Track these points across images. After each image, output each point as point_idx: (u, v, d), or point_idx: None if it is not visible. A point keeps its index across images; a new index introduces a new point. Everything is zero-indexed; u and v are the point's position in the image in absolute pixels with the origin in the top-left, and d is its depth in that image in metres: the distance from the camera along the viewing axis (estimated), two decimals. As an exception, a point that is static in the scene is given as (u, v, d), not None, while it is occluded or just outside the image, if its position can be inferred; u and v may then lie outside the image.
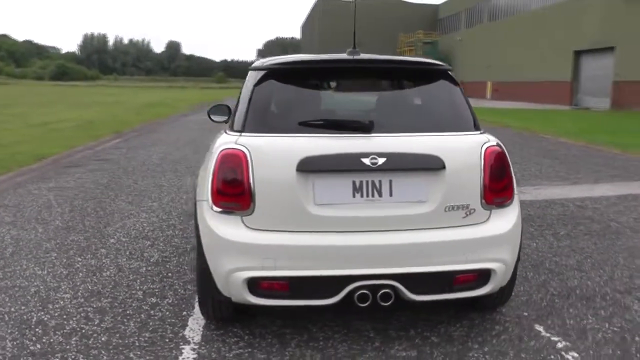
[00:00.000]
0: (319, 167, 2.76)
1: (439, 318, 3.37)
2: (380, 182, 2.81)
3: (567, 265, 4.39)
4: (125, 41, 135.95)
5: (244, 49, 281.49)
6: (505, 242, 2.99)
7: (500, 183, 3.00)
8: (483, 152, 2.96)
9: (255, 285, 2.78)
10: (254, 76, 3.19)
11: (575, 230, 5.43)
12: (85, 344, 3.03)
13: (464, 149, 2.97)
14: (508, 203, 3.05)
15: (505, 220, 3.01)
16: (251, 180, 2.76)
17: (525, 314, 3.46)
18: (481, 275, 2.93)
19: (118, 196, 6.73)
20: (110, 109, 22.99)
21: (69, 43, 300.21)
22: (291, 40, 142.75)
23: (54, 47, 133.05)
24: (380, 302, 2.80)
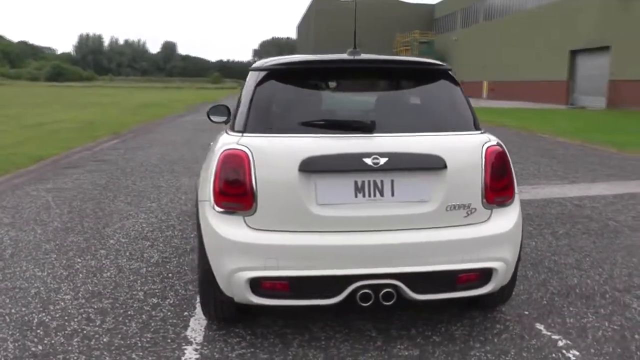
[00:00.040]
0: (321, 167, 2.77)
1: (440, 317, 3.38)
2: (382, 182, 2.82)
3: (566, 264, 4.40)
4: (121, 42, 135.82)
5: (239, 49, 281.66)
6: (507, 241, 3.00)
7: (501, 182, 3.01)
8: (484, 152, 2.97)
9: (257, 285, 2.79)
10: (255, 77, 3.20)
11: (574, 229, 5.45)
12: (87, 345, 3.03)
13: (465, 149, 2.98)
14: (509, 202, 3.07)
15: (506, 220, 3.02)
16: (253, 180, 2.77)
17: (526, 313, 3.48)
18: (483, 275, 2.94)
19: (117, 197, 6.72)
20: (106, 110, 22.94)
21: (64, 44, 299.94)
22: (287, 40, 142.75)
23: (49, 48, 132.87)
24: (383, 302, 2.81)
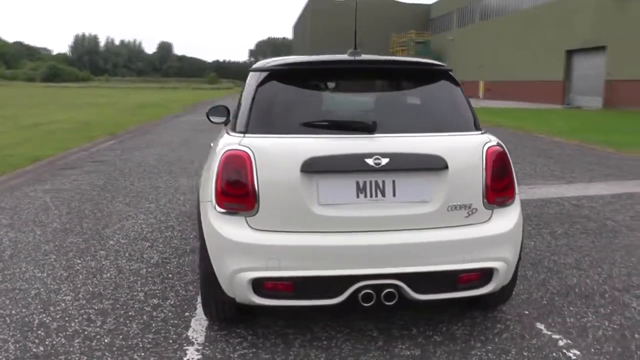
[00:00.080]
0: (323, 168, 2.77)
1: (440, 317, 3.39)
2: (384, 182, 2.83)
3: (565, 264, 4.42)
4: (117, 42, 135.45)
5: (235, 50, 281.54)
6: (507, 241, 3.01)
7: (502, 182, 3.03)
8: (485, 152, 2.98)
9: (259, 285, 2.79)
10: (256, 77, 3.20)
11: (572, 229, 5.47)
12: (89, 345, 3.03)
13: (466, 149, 2.99)
14: (509, 202, 3.08)
15: (507, 220, 3.04)
16: (255, 181, 2.77)
17: (526, 313, 3.49)
18: (484, 274, 2.95)
19: (115, 198, 6.71)
20: (103, 111, 22.89)
21: (60, 44, 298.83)
22: (283, 41, 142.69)
23: (45, 49, 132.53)
24: (384, 302, 2.82)
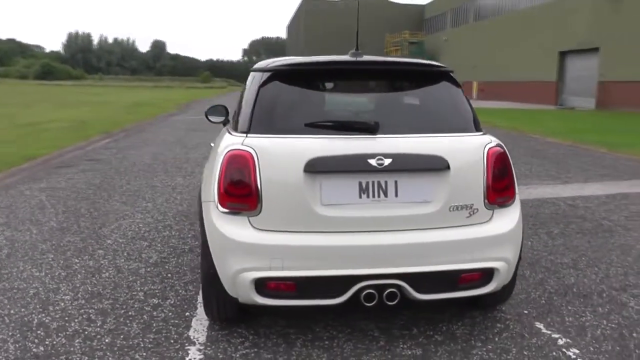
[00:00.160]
0: (326, 168, 2.78)
1: (441, 317, 3.40)
2: (386, 182, 2.84)
3: (562, 264, 4.45)
4: (110, 40, 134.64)
5: (229, 49, 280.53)
6: (508, 241, 3.03)
7: (502, 183, 3.05)
8: (485, 153, 3.00)
9: (262, 285, 2.79)
10: (258, 77, 3.20)
11: (568, 228, 5.51)
12: (90, 345, 3.02)
13: (467, 150, 3.01)
14: (510, 203, 3.10)
15: (508, 220, 3.06)
16: (258, 181, 2.77)
17: (525, 312, 3.51)
18: (485, 274, 2.97)
19: (111, 197, 6.69)
20: (97, 109, 22.78)
21: (53, 42, 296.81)
22: (277, 40, 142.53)
23: (38, 46, 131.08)
24: (386, 302, 2.83)
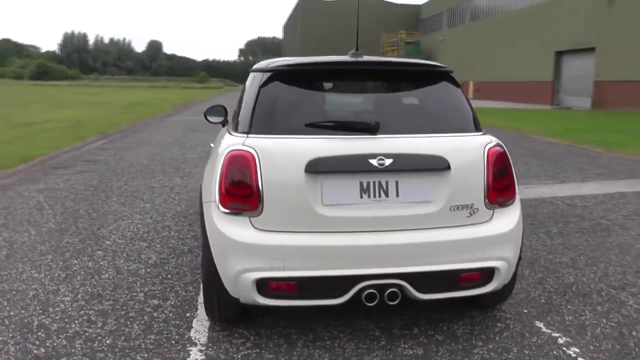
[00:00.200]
0: (327, 168, 2.78)
1: (441, 316, 3.41)
2: (387, 182, 2.84)
3: (561, 263, 4.46)
4: (106, 40, 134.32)
5: (225, 49, 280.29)
6: (508, 240, 3.04)
7: (503, 183, 3.05)
8: (486, 153, 3.01)
9: (264, 286, 2.79)
10: (258, 78, 3.19)
11: (567, 228, 5.52)
12: (91, 347, 3.02)
13: (468, 150, 3.02)
14: (510, 202, 3.11)
15: (508, 219, 3.06)
16: (259, 181, 2.77)
17: (525, 311, 3.52)
18: (485, 274, 2.98)
19: (109, 197, 6.68)
20: (93, 109, 22.72)
21: (48, 42, 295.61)
22: (273, 40, 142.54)
23: (34, 46, 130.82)
24: (388, 302, 2.83)
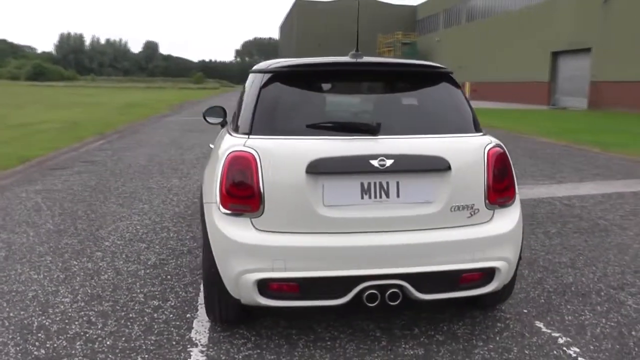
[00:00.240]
0: (328, 169, 2.78)
1: (441, 316, 3.41)
2: (388, 183, 2.85)
3: (560, 263, 4.48)
4: (102, 41, 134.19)
5: (222, 50, 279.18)
6: (508, 240, 3.05)
7: (503, 183, 3.06)
8: (486, 153, 3.02)
9: (265, 286, 2.79)
10: (259, 79, 3.19)
11: (565, 228, 5.54)
12: (91, 348, 3.01)
13: (468, 150, 3.02)
14: (510, 203, 3.11)
15: (508, 220, 3.07)
16: (261, 182, 2.77)
17: (525, 311, 3.53)
18: (486, 274, 2.98)
19: (108, 198, 6.67)
20: (90, 110, 22.67)
21: (45, 43, 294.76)
22: (269, 41, 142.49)
23: (30, 47, 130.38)
24: (389, 302, 2.83)
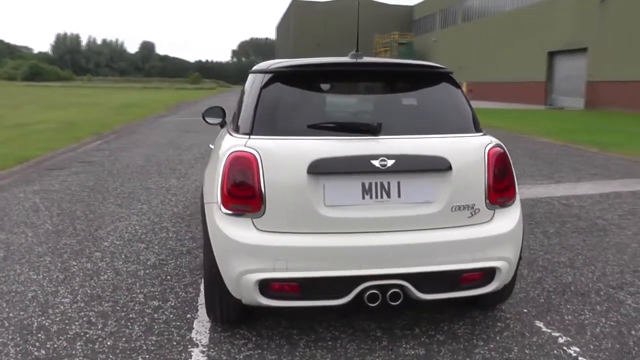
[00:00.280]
0: (330, 170, 2.78)
1: (442, 316, 3.42)
2: (389, 183, 2.85)
3: (559, 262, 4.49)
4: (99, 41, 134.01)
5: (218, 50, 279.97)
6: (509, 240, 3.05)
7: (503, 183, 3.06)
8: (486, 153, 3.02)
9: (266, 286, 2.79)
10: (260, 79, 3.19)
11: (564, 228, 5.55)
12: (92, 348, 3.01)
13: (469, 150, 3.03)
14: (510, 203, 3.12)
15: (509, 219, 3.08)
16: (262, 182, 2.77)
17: (525, 311, 3.54)
18: (486, 274, 2.99)
19: (106, 199, 6.66)
20: (86, 110, 22.63)
21: (41, 43, 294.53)
22: (266, 41, 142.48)
23: (26, 47, 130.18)
24: (390, 302, 2.84)
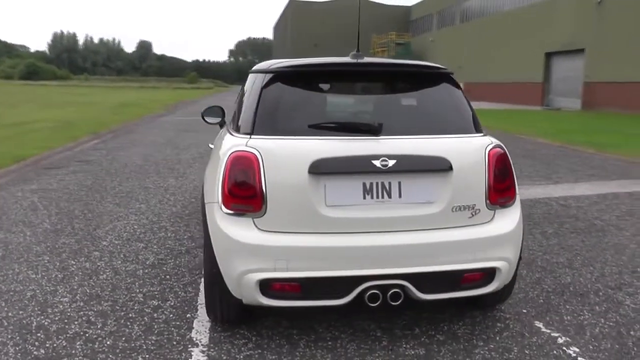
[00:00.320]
0: (331, 170, 2.78)
1: (441, 316, 3.42)
2: (390, 183, 2.85)
3: (558, 263, 4.49)
4: (96, 40, 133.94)
5: (215, 50, 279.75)
6: (509, 241, 3.06)
7: (504, 183, 3.07)
8: (487, 154, 3.03)
9: (267, 286, 2.79)
10: (260, 79, 3.19)
11: (562, 228, 5.56)
12: (91, 348, 3.00)
13: (469, 151, 3.03)
14: (511, 203, 3.12)
15: (509, 220, 3.08)
16: (263, 182, 2.77)
17: (525, 311, 3.54)
18: (487, 274, 2.99)
19: (104, 198, 6.65)
20: (83, 110, 22.59)
21: (38, 42, 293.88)
22: (263, 41, 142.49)
23: (23, 46, 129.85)
24: (390, 302, 2.84)
